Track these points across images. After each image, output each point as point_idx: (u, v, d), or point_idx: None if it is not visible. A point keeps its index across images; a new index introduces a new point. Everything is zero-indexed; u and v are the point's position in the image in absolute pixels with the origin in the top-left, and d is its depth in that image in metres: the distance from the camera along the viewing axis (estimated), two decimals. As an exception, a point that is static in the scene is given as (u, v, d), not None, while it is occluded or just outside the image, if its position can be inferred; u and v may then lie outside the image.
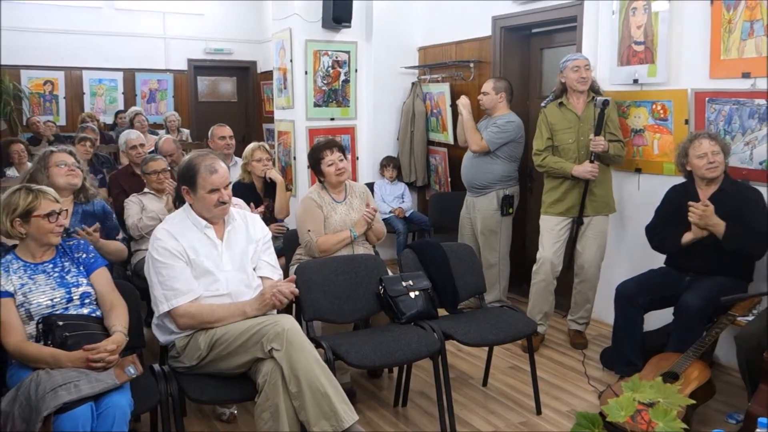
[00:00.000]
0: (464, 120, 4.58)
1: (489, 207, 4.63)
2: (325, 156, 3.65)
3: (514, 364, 4.00)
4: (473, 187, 4.69)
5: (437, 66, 6.03)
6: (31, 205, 2.54)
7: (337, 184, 3.72)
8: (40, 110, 8.94)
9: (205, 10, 9.71)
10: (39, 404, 2.11)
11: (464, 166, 4.75)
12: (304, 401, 2.41)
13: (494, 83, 4.64)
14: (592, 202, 4.08)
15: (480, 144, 4.54)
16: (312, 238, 3.60)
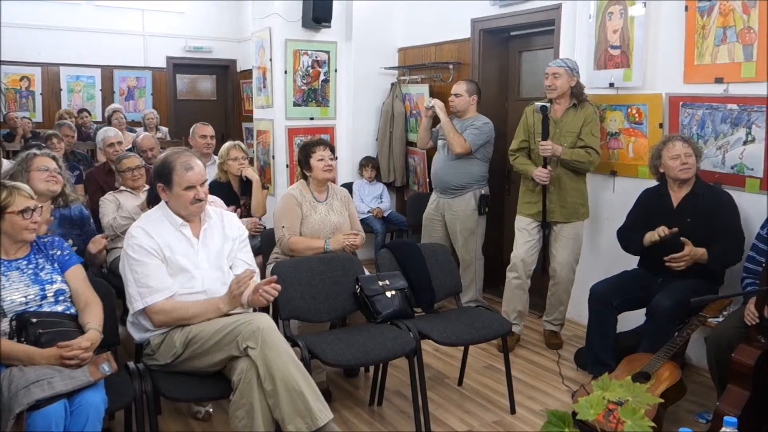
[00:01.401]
0: (444, 123, 4.58)
1: (467, 207, 4.67)
2: (316, 151, 3.66)
3: (489, 363, 4.03)
4: (449, 188, 4.69)
5: (417, 67, 6.06)
6: (5, 201, 2.52)
7: (322, 181, 3.73)
8: (16, 106, 8.82)
9: (185, 8, 9.64)
10: (11, 401, 2.10)
11: (438, 168, 4.76)
12: (279, 399, 2.41)
13: (467, 85, 4.68)
14: (563, 209, 4.11)
15: (464, 146, 4.55)
16: (285, 234, 3.60)
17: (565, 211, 4.12)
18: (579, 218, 4.17)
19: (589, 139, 4.00)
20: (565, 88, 4.03)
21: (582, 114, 4.02)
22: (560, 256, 4.18)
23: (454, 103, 4.66)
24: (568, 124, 4.04)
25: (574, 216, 4.14)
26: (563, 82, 4.01)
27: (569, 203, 4.11)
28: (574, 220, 4.15)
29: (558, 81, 4.01)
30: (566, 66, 4.01)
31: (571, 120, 4.04)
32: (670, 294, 3.32)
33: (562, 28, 4.58)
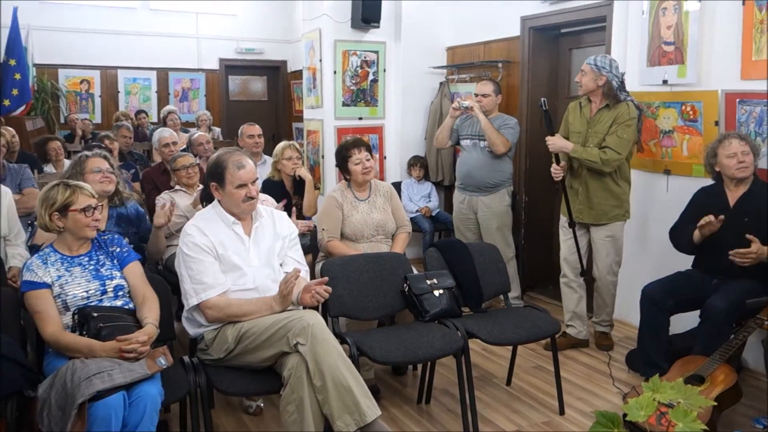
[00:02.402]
0: (485, 123, 4.56)
1: (502, 204, 4.77)
2: (353, 154, 3.71)
3: (538, 364, 4.00)
4: (484, 186, 4.74)
5: (465, 66, 6.05)
6: (69, 199, 2.63)
7: (362, 183, 3.78)
8: (76, 108, 9.14)
9: (237, 10, 9.84)
10: (74, 392, 2.19)
11: (472, 167, 4.76)
12: (328, 395, 2.45)
13: (493, 85, 4.75)
14: (590, 210, 4.04)
15: (507, 145, 4.62)
16: (324, 237, 3.68)
17: (593, 212, 4.03)
18: (613, 220, 4.03)
19: (610, 139, 3.87)
20: (591, 87, 3.92)
21: (612, 114, 3.90)
22: (597, 258, 4.11)
23: (482, 103, 4.67)
24: (598, 124, 3.95)
25: (604, 217, 4.01)
26: (588, 80, 3.92)
27: (596, 204, 4.01)
28: (606, 221, 4.02)
29: (584, 78, 3.94)
30: (593, 64, 3.89)
31: (601, 120, 3.94)
32: (725, 295, 3.24)
33: (613, 24, 4.51)
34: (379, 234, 3.77)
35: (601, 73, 3.87)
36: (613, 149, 3.84)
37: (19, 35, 7.86)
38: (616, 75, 3.87)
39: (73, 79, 9.17)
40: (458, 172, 4.91)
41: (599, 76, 3.88)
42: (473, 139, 4.75)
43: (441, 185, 6.34)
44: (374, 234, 3.74)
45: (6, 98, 7.72)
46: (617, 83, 3.87)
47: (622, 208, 4.05)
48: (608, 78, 3.87)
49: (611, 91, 3.89)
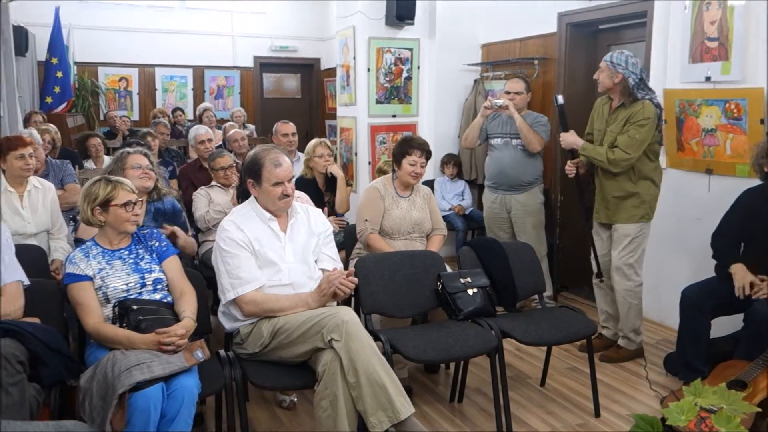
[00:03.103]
0: (521, 122, 4.53)
1: (535, 201, 4.75)
2: (412, 154, 3.69)
3: (572, 365, 3.96)
4: (517, 185, 4.71)
5: (500, 63, 6.01)
6: (110, 194, 2.69)
7: (407, 184, 3.78)
8: (115, 105, 9.32)
9: (271, 8, 9.91)
10: (115, 382, 2.23)
11: (506, 166, 4.72)
12: (362, 392, 2.45)
13: (524, 83, 4.72)
14: (606, 209, 3.94)
15: (542, 143, 4.61)
16: (366, 227, 3.67)
17: (608, 211, 3.93)
18: (630, 220, 3.85)
19: (620, 139, 3.75)
20: (607, 84, 3.81)
21: (627, 113, 3.78)
22: (612, 258, 3.96)
23: (515, 100, 4.63)
24: (614, 123, 3.86)
25: (620, 217, 3.88)
26: (605, 77, 3.80)
27: (611, 203, 3.90)
28: (622, 221, 3.88)
29: (601, 76, 3.84)
30: (609, 61, 3.78)
31: (617, 119, 3.84)
32: (769, 300, 3.16)
33: (654, 20, 4.44)
34: (415, 232, 3.77)
35: (616, 70, 3.74)
36: (622, 149, 3.73)
37: (61, 34, 8.05)
38: (633, 72, 3.72)
39: (113, 77, 9.34)
40: (489, 171, 4.86)
41: (615, 74, 3.75)
42: (504, 137, 4.71)
43: (474, 183, 6.31)
44: (410, 231, 3.74)
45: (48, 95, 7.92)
46: (634, 81, 3.72)
47: (641, 208, 3.84)
48: (624, 75, 3.72)
49: (627, 89, 3.75)
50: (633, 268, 3.89)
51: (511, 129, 4.65)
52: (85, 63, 8.97)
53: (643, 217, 3.86)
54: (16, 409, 2.15)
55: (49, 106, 7.83)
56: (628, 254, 3.87)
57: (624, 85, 3.74)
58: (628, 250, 3.87)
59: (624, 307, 3.94)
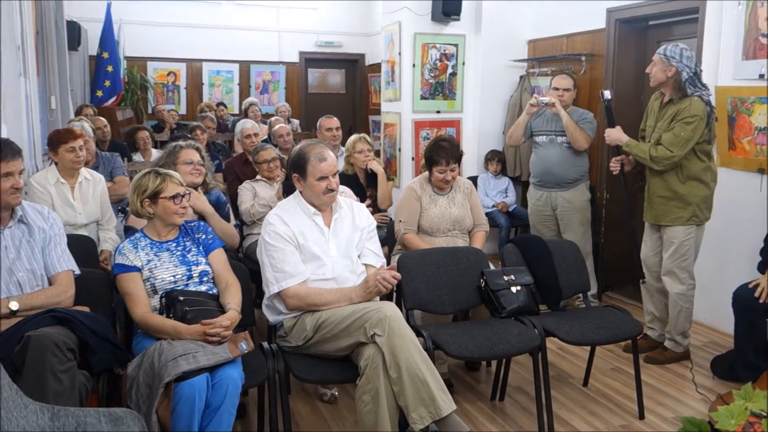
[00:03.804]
0: (567, 120, 4.46)
1: (582, 198, 4.68)
2: (440, 163, 3.67)
3: (616, 366, 3.90)
4: (564, 182, 4.64)
5: (547, 59, 5.93)
6: (159, 187, 2.74)
7: (439, 189, 3.77)
8: (163, 99, 9.50)
9: (317, 4, 9.98)
10: (161, 371, 2.28)
11: (552, 164, 4.64)
12: (404, 387, 2.45)
13: (572, 80, 4.65)
14: (650, 209, 3.86)
15: (589, 140, 4.55)
16: (401, 228, 3.69)
17: (653, 211, 3.84)
18: (675, 222, 3.75)
19: (665, 136, 3.65)
20: (660, 78, 3.69)
21: (675, 109, 3.67)
22: (663, 261, 3.87)
23: (564, 97, 4.56)
24: (662, 119, 3.76)
25: (666, 218, 3.78)
26: (657, 70, 3.69)
27: (656, 203, 3.81)
28: (668, 223, 3.78)
29: (653, 69, 3.72)
30: (663, 54, 3.66)
31: (665, 115, 3.73)
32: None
33: (707, 16, 4.32)
34: (456, 229, 3.75)
35: (670, 63, 3.62)
36: (665, 146, 3.63)
37: (112, 29, 8.24)
38: (687, 66, 3.60)
39: (161, 72, 9.52)
40: (534, 168, 4.80)
41: (668, 67, 3.63)
42: (550, 134, 4.65)
43: (518, 180, 6.25)
44: (451, 229, 3.73)
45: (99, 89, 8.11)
46: (688, 75, 3.61)
47: (687, 210, 3.72)
48: (678, 69, 3.61)
49: (678, 83, 3.64)
50: (686, 272, 3.80)
51: (556, 126, 4.59)
52: (134, 57, 9.17)
53: (691, 219, 3.74)
54: (67, 396, 2.20)
55: (99, 100, 8.02)
56: (679, 258, 3.78)
57: (676, 79, 3.63)
58: (678, 254, 3.78)
59: (674, 310, 3.85)
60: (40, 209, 2.73)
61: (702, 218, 3.77)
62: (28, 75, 4.27)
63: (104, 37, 8.17)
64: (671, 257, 3.79)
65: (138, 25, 9.03)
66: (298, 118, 9.54)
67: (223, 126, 8.32)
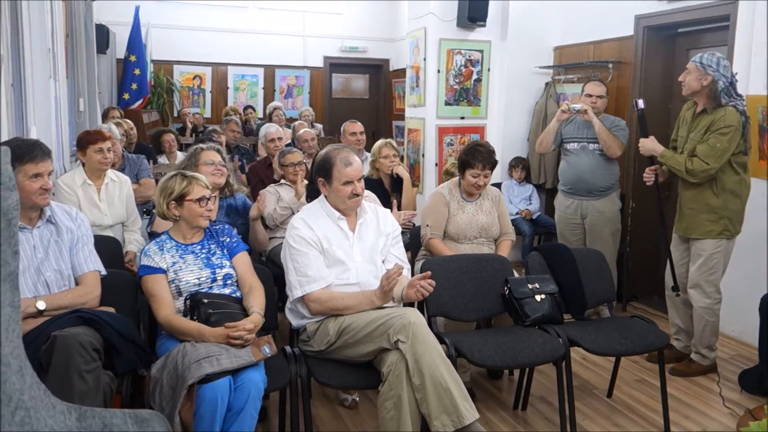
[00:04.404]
0: (600, 127, 4.42)
1: (614, 208, 4.64)
2: (475, 166, 3.64)
3: (641, 377, 3.84)
4: (595, 190, 4.59)
5: (573, 66, 5.88)
6: (185, 189, 2.76)
7: (470, 194, 3.74)
8: (188, 103, 9.57)
9: (343, 9, 10.00)
10: (185, 373, 2.28)
11: (584, 171, 4.60)
12: (426, 395, 2.44)
13: (605, 87, 4.61)
14: (680, 222, 3.80)
15: (622, 148, 4.50)
16: (427, 233, 3.67)
17: (683, 224, 3.78)
18: (706, 236, 3.68)
19: (700, 148, 3.58)
20: (695, 87, 3.62)
21: (708, 120, 3.60)
22: (690, 273, 3.81)
23: (597, 104, 4.52)
24: (694, 130, 3.68)
25: (696, 231, 3.71)
26: (692, 79, 3.62)
27: (687, 216, 3.74)
28: (699, 236, 3.70)
29: (687, 78, 3.65)
30: (699, 63, 3.58)
31: (698, 125, 3.66)
32: None
33: (738, 23, 4.26)
34: (482, 236, 3.73)
35: (706, 72, 3.55)
36: (701, 158, 3.56)
37: (140, 33, 8.33)
38: (723, 75, 3.53)
39: (187, 75, 9.60)
40: (564, 176, 4.74)
41: (704, 76, 3.56)
42: (581, 141, 4.60)
43: (542, 188, 6.20)
44: (477, 236, 3.70)
45: (126, 92, 8.20)
46: (724, 84, 3.53)
47: (719, 224, 3.66)
48: (714, 78, 3.53)
49: (714, 92, 3.56)
50: (713, 286, 3.73)
51: (588, 133, 4.54)
52: (161, 61, 9.26)
53: (722, 233, 3.68)
54: (92, 396, 2.22)
55: (126, 102, 8.11)
56: (707, 271, 3.71)
57: (712, 88, 3.56)
58: (705, 267, 3.71)
59: (700, 324, 3.79)
60: (68, 210, 2.76)
61: (733, 232, 3.71)
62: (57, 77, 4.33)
63: (132, 41, 8.26)
64: (699, 270, 3.73)
65: (165, 29, 9.12)
66: (322, 123, 9.56)
67: (248, 129, 8.37)
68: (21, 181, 2.48)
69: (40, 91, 3.81)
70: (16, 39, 3.40)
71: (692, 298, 3.79)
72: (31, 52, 3.61)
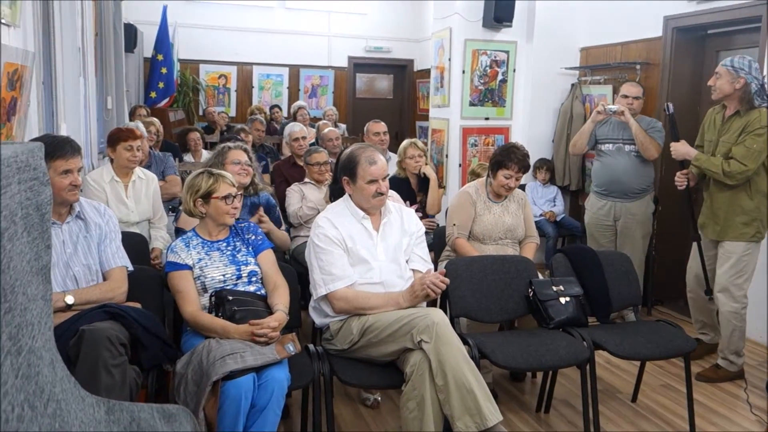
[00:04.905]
0: (637, 129, 4.36)
1: (647, 210, 4.59)
2: (510, 168, 3.60)
3: (666, 382, 3.79)
4: (631, 192, 4.53)
5: (600, 67, 5.83)
6: (212, 187, 2.78)
7: (499, 195, 3.72)
8: (214, 102, 9.65)
9: (368, 9, 10.02)
10: (209, 370, 2.30)
11: (620, 173, 4.54)
12: (449, 395, 2.43)
13: (641, 88, 4.56)
14: (714, 225, 3.74)
15: (659, 149, 4.44)
16: (454, 232, 3.65)
17: (717, 227, 3.72)
18: (738, 238, 3.65)
19: (736, 150, 3.54)
20: (727, 90, 3.59)
21: (742, 122, 3.57)
22: (717, 276, 3.76)
23: (633, 105, 4.47)
24: (727, 133, 3.65)
25: (729, 234, 3.67)
26: (723, 83, 3.59)
27: (721, 219, 3.70)
28: (730, 239, 3.67)
29: (718, 81, 3.62)
30: (730, 66, 3.56)
31: (731, 128, 3.63)
32: None
33: (770, 24, 4.19)
34: (507, 238, 3.70)
35: (738, 75, 3.53)
36: (738, 160, 3.53)
37: (167, 32, 8.40)
38: (756, 77, 3.52)
39: (212, 74, 9.68)
40: (599, 177, 4.68)
41: (737, 79, 3.55)
42: (617, 142, 4.55)
43: (567, 189, 6.15)
44: (502, 237, 3.68)
45: (153, 90, 8.29)
46: (756, 86, 3.52)
47: (752, 227, 3.63)
48: (747, 80, 3.52)
49: (747, 95, 3.55)
50: (741, 289, 3.68)
51: (623, 134, 4.50)
52: (187, 60, 9.35)
53: (754, 236, 3.64)
54: (118, 390, 2.24)
55: (153, 101, 8.19)
56: (736, 274, 3.67)
57: (745, 91, 3.54)
58: (735, 270, 3.67)
59: (727, 330, 3.74)
60: (96, 206, 2.79)
61: (763, 234, 3.68)
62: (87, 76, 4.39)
63: (159, 40, 8.34)
64: (728, 272, 3.68)
65: (192, 29, 9.21)
66: (345, 123, 9.58)
67: (273, 129, 8.41)
68: (51, 177, 2.51)
69: (70, 89, 3.86)
70: (47, 38, 3.45)
71: (719, 302, 3.74)
72: (62, 50, 3.66)
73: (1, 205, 1.03)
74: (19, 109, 2.81)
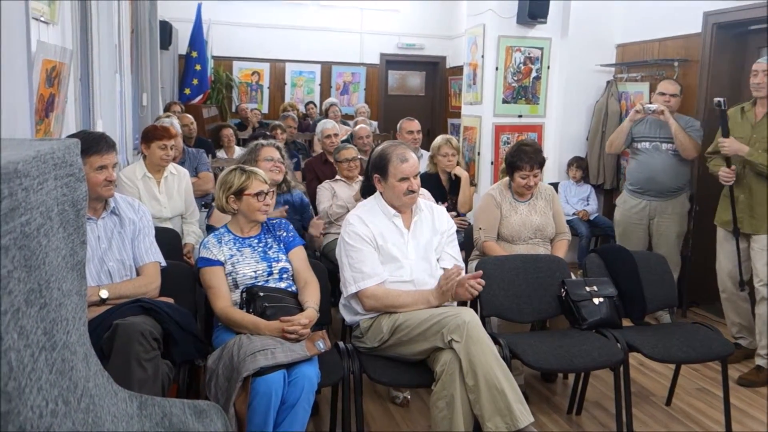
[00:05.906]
0: (676, 128, 4.30)
1: (683, 209, 4.54)
2: (523, 168, 3.56)
3: (702, 386, 3.71)
4: (667, 191, 4.47)
5: (636, 64, 5.72)
6: (244, 184, 2.79)
7: (522, 194, 3.68)
8: (246, 98, 9.72)
9: (400, 6, 9.99)
10: (240, 366, 2.31)
11: (657, 171, 4.48)
12: (480, 395, 2.41)
13: (679, 85, 4.49)
14: (752, 219, 3.69)
15: (698, 148, 4.37)
16: (480, 236, 3.61)
17: (755, 221, 3.69)
18: None
19: None
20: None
21: None
22: (758, 271, 3.71)
23: (670, 103, 4.40)
24: (764, 129, 3.62)
25: (764, 228, 3.66)
26: None
27: (758, 213, 3.66)
28: (765, 232, 3.66)
29: (766, 79, 3.60)
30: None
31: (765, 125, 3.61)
32: None
33: (815, 20, 4.07)
34: (537, 237, 3.65)
35: None
36: None
37: (202, 30, 8.49)
38: None
39: (246, 71, 9.75)
40: (635, 176, 4.61)
41: None
42: (653, 141, 4.48)
43: (601, 188, 6.06)
44: (532, 237, 3.63)
45: (187, 87, 8.38)
46: None
47: None
48: None
49: None
50: None
51: (661, 132, 4.43)
52: (221, 57, 9.43)
53: None
54: (150, 384, 2.26)
55: (187, 97, 8.28)
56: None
57: None
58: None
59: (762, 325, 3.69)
60: (131, 201, 2.83)
61: None
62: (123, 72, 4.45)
63: (194, 37, 8.43)
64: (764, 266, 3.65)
65: (225, 26, 9.28)
66: (377, 120, 9.57)
67: (304, 125, 8.44)
68: (87, 173, 2.54)
69: (106, 85, 3.92)
70: (84, 35, 3.50)
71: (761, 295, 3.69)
72: (99, 47, 3.72)
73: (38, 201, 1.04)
74: (57, 106, 2.86)
